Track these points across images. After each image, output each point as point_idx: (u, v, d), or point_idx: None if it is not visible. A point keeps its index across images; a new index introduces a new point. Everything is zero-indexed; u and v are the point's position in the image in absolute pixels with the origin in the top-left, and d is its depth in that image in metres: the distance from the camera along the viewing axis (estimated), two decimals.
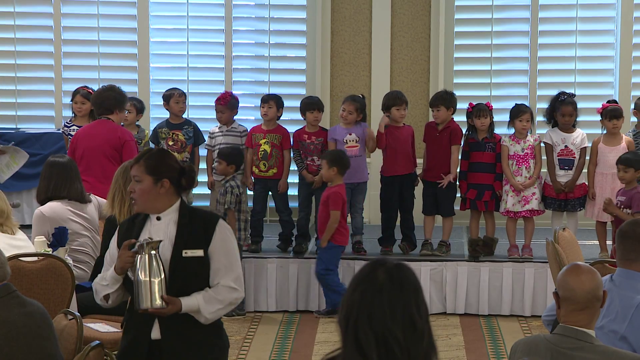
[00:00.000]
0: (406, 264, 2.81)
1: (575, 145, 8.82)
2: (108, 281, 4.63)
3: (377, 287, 2.74)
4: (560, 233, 6.74)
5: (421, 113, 10.26)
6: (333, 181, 8.46)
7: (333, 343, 7.83)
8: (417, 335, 2.72)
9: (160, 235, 4.55)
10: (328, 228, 8.39)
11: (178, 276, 4.52)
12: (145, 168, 4.61)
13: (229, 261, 4.60)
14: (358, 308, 2.73)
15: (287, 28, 10.70)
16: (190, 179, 4.65)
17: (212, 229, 4.58)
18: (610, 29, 10.50)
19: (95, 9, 10.63)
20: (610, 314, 4.42)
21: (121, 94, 8.32)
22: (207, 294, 4.54)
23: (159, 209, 4.62)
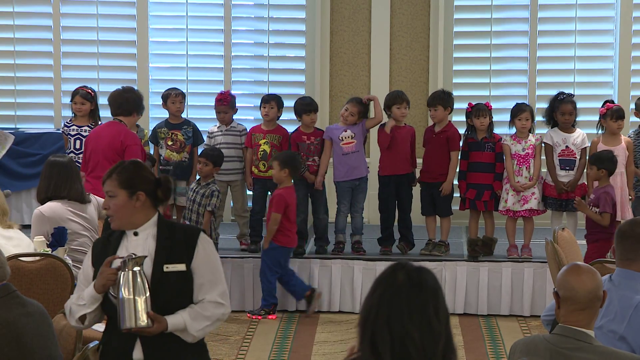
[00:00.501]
0: (427, 267, 2.83)
1: (576, 145, 8.82)
2: (86, 300, 4.37)
3: (396, 289, 2.76)
4: (559, 233, 6.74)
5: (420, 113, 10.26)
6: (283, 183, 8.48)
7: (332, 343, 7.84)
8: (434, 337, 2.74)
9: (139, 251, 4.34)
10: (269, 230, 8.46)
11: (160, 292, 4.29)
12: (118, 182, 4.40)
13: (214, 276, 4.39)
14: (377, 309, 2.75)
15: (286, 28, 10.71)
16: (166, 190, 4.44)
17: (194, 242, 4.38)
18: (610, 28, 10.50)
19: (95, 9, 10.63)
20: (609, 314, 4.42)
21: (139, 97, 8.26)
22: (193, 311, 4.33)
23: (136, 224, 4.40)
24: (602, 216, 8.15)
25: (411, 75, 10.55)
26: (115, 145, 7.90)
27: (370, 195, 9.37)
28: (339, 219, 8.94)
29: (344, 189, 8.87)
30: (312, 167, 8.92)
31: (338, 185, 8.93)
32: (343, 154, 8.81)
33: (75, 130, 9.25)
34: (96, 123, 9.27)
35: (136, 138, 8.14)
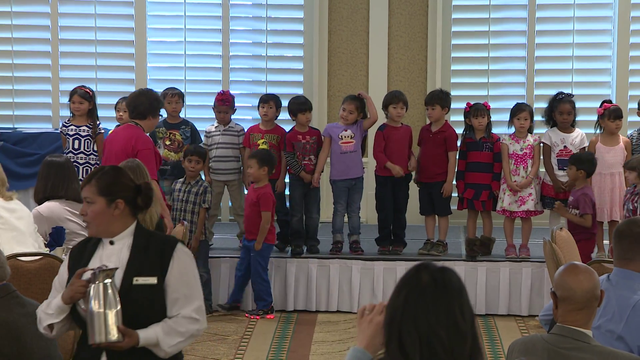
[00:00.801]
0: (450, 267, 2.83)
1: (575, 145, 8.82)
2: (53, 310, 4.20)
3: (421, 290, 2.76)
4: (557, 233, 6.75)
5: (418, 113, 10.27)
6: (262, 181, 8.50)
7: (330, 343, 7.84)
8: (461, 337, 2.74)
9: (113, 261, 4.21)
10: (261, 229, 8.45)
11: (128, 305, 4.12)
12: (97, 189, 4.24)
13: (190, 290, 4.23)
14: (402, 310, 2.75)
15: (284, 28, 10.71)
16: (146, 198, 4.29)
17: (169, 255, 4.21)
18: (608, 28, 10.51)
19: (93, 9, 10.63)
20: (607, 314, 4.42)
21: (156, 100, 8.02)
22: (166, 326, 4.16)
23: (113, 233, 4.25)
24: (584, 218, 8.19)
25: (409, 75, 10.55)
26: (128, 149, 7.77)
27: (368, 195, 9.38)
28: (336, 219, 8.94)
29: (340, 188, 8.87)
30: (308, 167, 8.92)
31: (334, 185, 8.93)
32: (341, 152, 8.82)
33: (73, 130, 9.25)
34: (94, 123, 9.27)
35: (149, 142, 7.91)
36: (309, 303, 8.83)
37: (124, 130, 7.97)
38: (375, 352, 2.91)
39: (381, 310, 2.92)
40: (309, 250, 8.96)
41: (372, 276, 8.81)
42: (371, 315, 2.93)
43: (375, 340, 2.92)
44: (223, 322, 8.42)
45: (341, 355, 7.46)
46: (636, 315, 4.36)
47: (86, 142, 9.22)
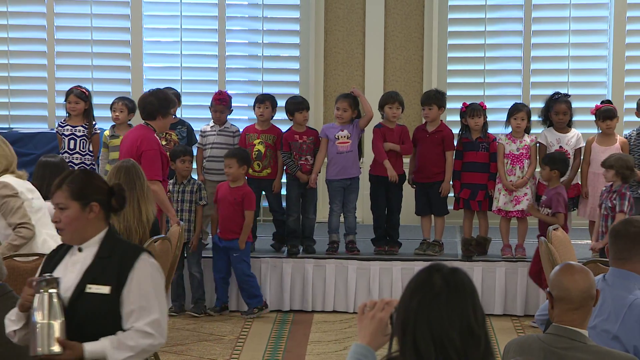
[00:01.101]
0: (461, 268, 2.83)
1: (570, 145, 8.83)
2: (14, 317, 4.13)
3: (435, 293, 2.75)
4: (553, 233, 6.75)
5: (414, 112, 10.26)
6: (240, 180, 8.55)
7: (326, 343, 7.84)
8: (475, 340, 2.74)
9: (77, 269, 4.08)
10: (247, 229, 8.49)
11: (77, 313, 4.01)
12: (69, 193, 4.11)
13: (147, 303, 4.04)
14: (416, 314, 2.74)
15: (280, 28, 10.71)
16: (120, 199, 4.18)
17: (130, 265, 4.07)
18: (604, 28, 10.52)
19: (89, 9, 10.62)
20: (603, 314, 4.42)
21: (164, 99, 7.95)
22: (115, 339, 4.01)
23: (85, 238, 4.14)
24: (557, 217, 8.22)
25: (405, 75, 10.56)
26: (133, 150, 7.74)
27: (364, 195, 9.38)
28: (332, 219, 8.94)
29: (335, 188, 8.87)
30: (305, 166, 8.91)
31: (330, 185, 8.93)
32: (337, 152, 8.82)
33: (69, 130, 9.24)
34: (90, 123, 9.27)
35: (153, 143, 7.80)
36: (305, 303, 8.83)
37: (134, 132, 7.99)
38: (378, 348, 2.91)
39: (382, 306, 2.91)
40: (305, 250, 8.96)
41: (368, 276, 8.81)
42: (373, 312, 2.93)
43: (377, 336, 2.91)
44: (219, 322, 8.41)
45: (337, 356, 7.47)
46: (632, 315, 4.36)
47: (82, 142, 9.22)
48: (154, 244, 6.20)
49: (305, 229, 8.99)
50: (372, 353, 2.90)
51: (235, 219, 8.50)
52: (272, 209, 9.14)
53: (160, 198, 7.57)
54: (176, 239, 6.55)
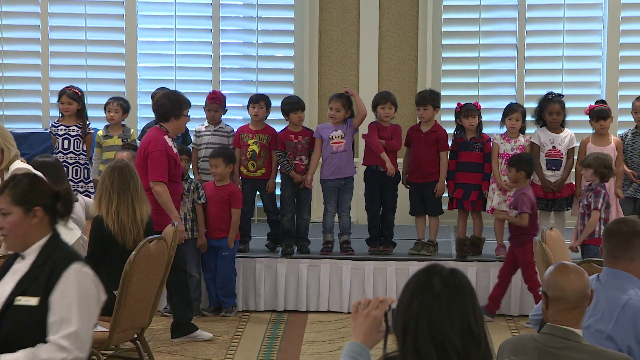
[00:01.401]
0: (460, 269, 2.83)
1: (563, 145, 8.85)
2: None
3: (435, 295, 2.75)
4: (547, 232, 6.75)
5: (409, 113, 10.27)
6: (225, 179, 8.58)
7: (321, 343, 7.84)
8: (475, 342, 2.74)
9: (15, 278, 3.96)
10: (235, 227, 8.52)
11: (6, 326, 3.89)
12: (11, 198, 4.00)
13: (68, 314, 3.86)
14: (417, 317, 2.74)
15: (275, 28, 10.70)
16: (67, 204, 4.06)
17: (58, 275, 3.91)
18: (598, 28, 10.53)
19: (83, 9, 10.61)
20: (597, 314, 4.43)
21: (177, 100, 7.88)
22: (29, 352, 3.86)
23: (28, 244, 4.03)
24: (521, 216, 8.23)
25: (400, 75, 10.56)
26: (141, 151, 7.73)
27: (358, 195, 9.38)
28: (327, 219, 8.94)
29: (330, 188, 8.87)
30: (299, 166, 8.91)
31: (324, 185, 8.93)
32: (332, 152, 8.82)
33: (63, 130, 9.23)
34: (84, 123, 9.26)
35: (160, 145, 7.71)
36: (299, 303, 8.83)
37: (148, 134, 7.98)
38: (372, 346, 2.91)
39: (377, 304, 2.91)
40: (300, 250, 8.96)
41: (363, 276, 8.81)
42: (367, 310, 2.93)
43: (371, 334, 2.91)
44: (213, 323, 8.41)
45: (332, 356, 7.46)
46: (626, 315, 4.36)
47: (76, 142, 9.21)
48: (148, 244, 6.19)
49: (300, 229, 8.99)
50: (366, 351, 2.90)
51: (223, 218, 8.52)
52: (267, 209, 9.14)
53: (163, 199, 7.58)
54: (171, 239, 6.55)
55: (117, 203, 6.56)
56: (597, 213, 8.13)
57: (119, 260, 6.25)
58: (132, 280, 6.08)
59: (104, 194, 6.60)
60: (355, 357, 2.89)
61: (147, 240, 6.20)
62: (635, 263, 4.53)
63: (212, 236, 8.54)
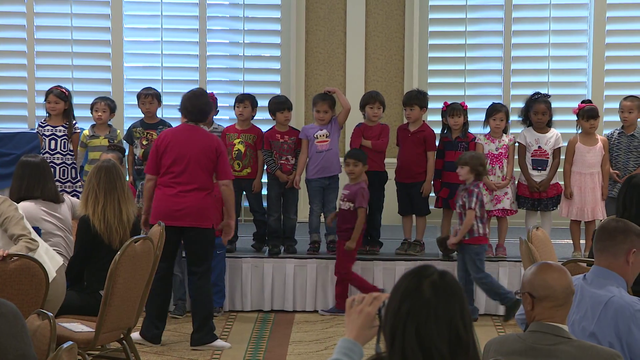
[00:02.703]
0: (449, 272, 2.82)
1: (549, 145, 8.87)
2: None
3: (424, 302, 2.75)
4: (533, 232, 6.77)
5: (396, 113, 10.28)
6: None
7: (307, 343, 7.84)
8: (462, 348, 2.75)
9: None
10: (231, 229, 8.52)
11: None
12: None
13: None
14: (405, 323, 2.74)
15: (261, 27, 10.70)
16: None
17: None
18: (584, 28, 10.56)
19: (69, 9, 10.58)
20: (580, 311, 4.46)
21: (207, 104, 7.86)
22: None
23: None
24: (358, 211, 8.40)
25: (386, 75, 10.57)
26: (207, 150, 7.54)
27: None
28: (312, 219, 8.94)
29: (315, 187, 8.87)
30: (285, 166, 8.91)
31: (309, 184, 8.93)
32: (317, 151, 8.83)
33: (49, 130, 9.21)
34: (70, 123, 9.23)
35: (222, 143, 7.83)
36: (286, 303, 8.83)
37: (203, 132, 7.80)
38: (365, 343, 2.91)
39: (370, 301, 2.91)
40: (286, 250, 8.95)
41: None
42: (361, 306, 2.92)
43: (364, 331, 2.91)
44: None
45: (318, 356, 7.46)
46: (607, 312, 4.40)
47: (62, 142, 9.18)
48: (134, 244, 6.18)
49: (287, 229, 8.99)
50: (359, 347, 2.90)
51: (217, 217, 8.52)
52: (253, 209, 9.13)
53: (232, 199, 7.65)
54: (157, 238, 6.54)
55: (103, 203, 6.55)
56: (471, 212, 8.21)
57: (105, 261, 6.24)
58: (118, 281, 6.07)
59: (90, 194, 6.58)
60: (347, 354, 2.89)
61: (132, 240, 6.19)
62: (618, 260, 4.55)
63: None
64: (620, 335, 4.36)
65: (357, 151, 8.63)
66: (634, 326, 4.35)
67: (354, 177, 8.54)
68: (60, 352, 4.33)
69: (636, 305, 4.40)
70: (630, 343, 4.35)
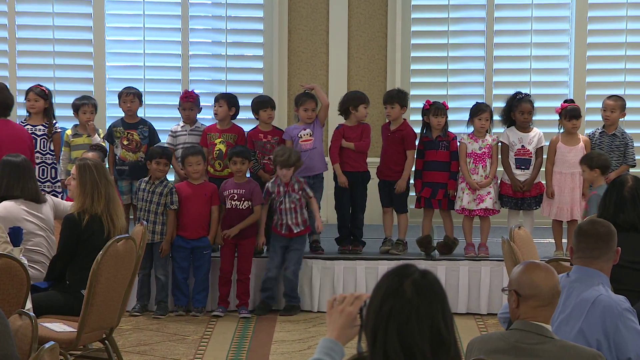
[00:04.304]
0: (431, 272, 2.82)
1: (532, 145, 8.89)
2: None
3: (406, 301, 2.75)
4: (515, 231, 6.78)
5: (378, 112, 10.28)
6: (201, 177, 8.63)
7: (290, 342, 7.83)
8: (444, 348, 2.75)
9: None
10: (215, 223, 8.60)
11: None
12: None
13: None
14: (387, 322, 2.74)
15: (244, 27, 10.68)
16: None
17: None
18: (565, 28, 10.59)
19: (51, 8, 10.54)
20: (567, 309, 4.47)
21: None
22: None
23: None
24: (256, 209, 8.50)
25: (369, 74, 10.57)
26: None
27: (328, 194, 9.38)
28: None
29: None
30: (268, 166, 8.90)
31: None
32: (302, 151, 8.82)
33: (29, 129, 9.16)
34: (50, 122, 9.18)
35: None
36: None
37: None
38: (346, 343, 2.90)
39: (352, 301, 2.91)
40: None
41: (333, 275, 8.81)
42: (342, 306, 2.92)
43: (346, 330, 2.91)
44: (182, 322, 8.38)
45: (301, 355, 7.46)
46: (595, 310, 4.41)
47: (42, 141, 9.13)
48: (116, 243, 6.16)
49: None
50: (340, 347, 2.90)
51: (206, 217, 8.51)
52: None
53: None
54: (139, 238, 6.52)
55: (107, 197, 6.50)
56: None
57: (88, 260, 6.20)
58: (100, 280, 6.04)
59: (93, 189, 6.48)
60: (328, 353, 2.89)
61: (115, 239, 6.16)
62: (609, 263, 4.60)
63: (191, 236, 8.51)
64: (608, 334, 4.38)
65: (244, 148, 8.63)
66: (621, 324, 4.37)
67: (240, 175, 8.56)
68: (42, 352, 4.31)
69: (623, 304, 4.42)
70: (617, 341, 4.37)
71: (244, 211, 8.53)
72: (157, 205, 8.49)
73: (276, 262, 8.57)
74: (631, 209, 5.85)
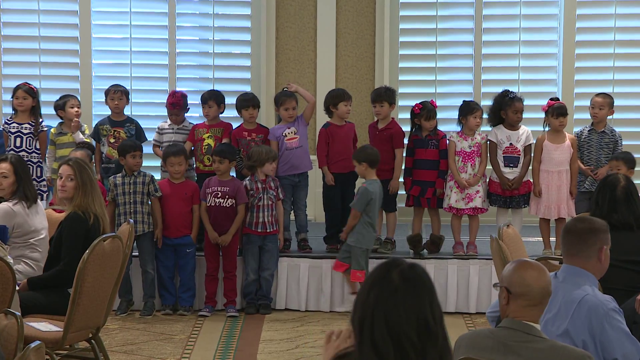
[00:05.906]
0: (420, 264, 2.82)
1: (521, 143, 8.88)
2: None
3: (393, 288, 2.74)
4: (504, 230, 6.77)
5: (366, 110, 10.26)
6: (182, 177, 8.61)
7: (278, 341, 7.80)
8: (432, 338, 2.74)
9: None
10: (197, 222, 8.58)
11: None
12: None
13: None
14: (373, 310, 2.74)
15: (231, 24, 10.64)
16: None
17: None
18: (554, 26, 10.59)
19: (36, 5, 10.48)
20: (553, 309, 4.46)
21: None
22: None
23: None
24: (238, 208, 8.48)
25: (357, 72, 10.55)
26: None
27: (316, 193, 9.36)
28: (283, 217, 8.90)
29: (284, 185, 8.83)
30: None
31: (280, 181, 8.88)
32: (287, 149, 8.80)
33: (15, 127, 9.12)
34: (37, 121, 9.14)
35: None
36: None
37: None
38: None
39: (348, 336, 2.90)
40: None
41: (320, 274, 8.79)
42: (338, 342, 2.92)
43: None
44: (169, 322, 8.35)
45: (289, 354, 7.43)
46: (581, 310, 4.41)
47: (28, 140, 9.09)
48: (102, 242, 6.11)
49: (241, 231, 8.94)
50: None
51: (185, 216, 8.48)
52: None
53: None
54: (126, 237, 6.47)
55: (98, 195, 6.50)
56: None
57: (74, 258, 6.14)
58: (87, 279, 6.00)
59: (93, 189, 6.45)
60: None
61: (101, 238, 6.11)
62: (591, 261, 4.57)
63: (173, 235, 8.48)
64: (594, 334, 4.37)
65: (224, 147, 8.62)
66: (607, 324, 4.36)
67: (220, 174, 8.54)
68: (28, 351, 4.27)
69: (609, 304, 4.41)
70: (604, 341, 4.36)
71: (227, 209, 8.50)
72: (141, 195, 8.45)
73: (254, 266, 8.56)
74: (625, 209, 5.84)
